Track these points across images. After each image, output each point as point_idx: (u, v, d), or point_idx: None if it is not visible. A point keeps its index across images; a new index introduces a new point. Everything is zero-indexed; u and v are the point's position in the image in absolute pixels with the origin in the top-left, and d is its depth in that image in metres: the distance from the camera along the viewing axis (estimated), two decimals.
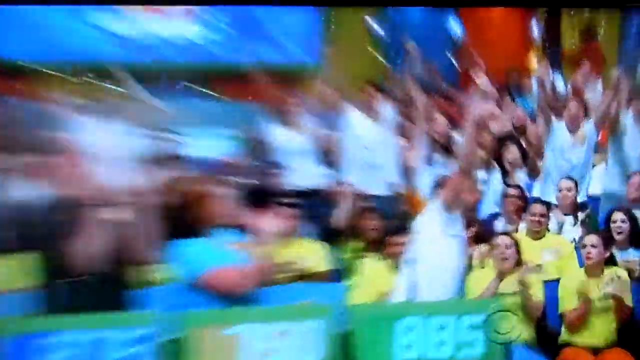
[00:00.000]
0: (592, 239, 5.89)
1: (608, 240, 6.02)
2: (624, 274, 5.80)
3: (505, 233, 6.17)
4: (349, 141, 8.02)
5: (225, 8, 13.20)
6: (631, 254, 6.31)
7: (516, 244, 5.86)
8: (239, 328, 3.67)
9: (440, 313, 3.88)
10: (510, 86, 11.17)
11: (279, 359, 3.69)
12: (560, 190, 7.33)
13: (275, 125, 7.89)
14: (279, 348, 3.70)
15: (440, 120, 8.08)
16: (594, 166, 8.12)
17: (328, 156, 8.31)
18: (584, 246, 5.90)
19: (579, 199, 7.43)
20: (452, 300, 5.01)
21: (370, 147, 7.94)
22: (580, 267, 6.05)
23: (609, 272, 5.82)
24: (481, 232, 6.42)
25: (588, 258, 5.84)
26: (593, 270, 5.83)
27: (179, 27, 13.25)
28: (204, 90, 13.07)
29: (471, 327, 3.87)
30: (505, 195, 7.28)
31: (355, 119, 8.05)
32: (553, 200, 7.46)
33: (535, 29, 13.85)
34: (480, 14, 13.88)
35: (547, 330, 5.78)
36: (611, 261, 6.00)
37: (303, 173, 7.65)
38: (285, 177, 7.29)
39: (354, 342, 3.77)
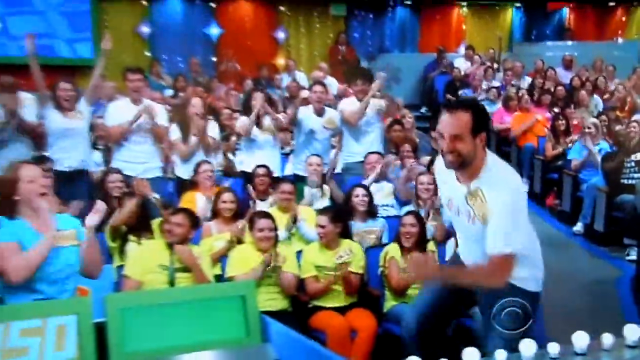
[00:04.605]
0: (321, 219, 4.76)
1: (339, 216, 4.84)
2: (356, 247, 4.79)
3: (264, 214, 4.81)
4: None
5: None
6: (370, 223, 5.38)
7: (275, 223, 4.71)
8: None
9: (199, 298, 2.99)
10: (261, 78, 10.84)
11: (33, 355, 2.65)
12: (310, 165, 6.09)
13: (50, 111, 5.88)
14: (32, 345, 2.65)
15: (195, 102, 6.31)
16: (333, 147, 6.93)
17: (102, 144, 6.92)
18: (317, 225, 4.80)
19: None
20: (210, 285, 3.96)
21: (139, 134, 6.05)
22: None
23: (344, 244, 4.74)
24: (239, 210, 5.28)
25: (319, 235, 4.76)
26: (328, 243, 4.73)
27: None
28: None
29: (230, 309, 2.99)
30: (255, 175, 5.93)
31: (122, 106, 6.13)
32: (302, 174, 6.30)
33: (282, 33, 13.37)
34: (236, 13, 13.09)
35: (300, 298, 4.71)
36: (346, 232, 4.89)
37: (73, 156, 5.87)
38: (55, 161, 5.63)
39: (112, 333, 2.78)
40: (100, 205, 3.51)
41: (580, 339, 2.42)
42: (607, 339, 2.49)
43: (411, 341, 3.38)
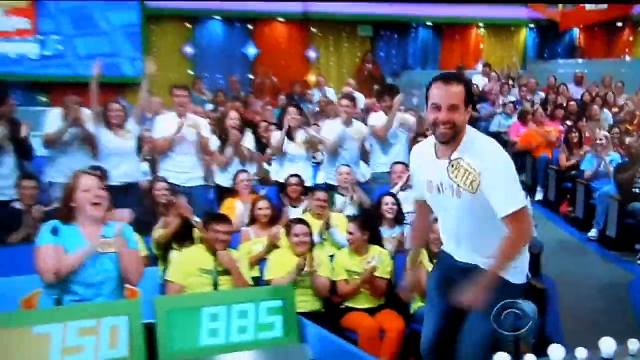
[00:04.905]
0: (350, 227, 4.66)
1: (368, 223, 4.73)
2: (384, 253, 4.70)
3: (300, 220, 4.73)
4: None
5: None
6: (397, 230, 5.26)
7: (310, 229, 4.60)
8: (49, 327, 2.61)
9: (241, 301, 2.92)
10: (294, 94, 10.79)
11: (88, 354, 2.64)
12: (340, 175, 5.99)
13: (102, 130, 5.79)
14: (87, 344, 2.65)
15: (233, 115, 6.29)
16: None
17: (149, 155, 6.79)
18: (347, 232, 4.70)
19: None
20: (252, 289, 3.88)
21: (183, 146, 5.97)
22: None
23: (373, 251, 4.67)
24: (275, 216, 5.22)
25: (349, 242, 4.68)
26: (357, 249, 4.65)
27: (19, 46, 11.18)
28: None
29: (270, 312, 2.96)
30: (288, 185, 5.84)
31: (168, 120, 6.05)
32: (333, 183, 6.13)
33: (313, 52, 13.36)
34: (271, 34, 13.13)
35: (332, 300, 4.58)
36: (376, 238, 4.82)
37: (123, 173, 5.75)
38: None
39: (161, 333, 2.76)
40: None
41: (607, 345, 2.31)
42: (634, 344, 2.37)
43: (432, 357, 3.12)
